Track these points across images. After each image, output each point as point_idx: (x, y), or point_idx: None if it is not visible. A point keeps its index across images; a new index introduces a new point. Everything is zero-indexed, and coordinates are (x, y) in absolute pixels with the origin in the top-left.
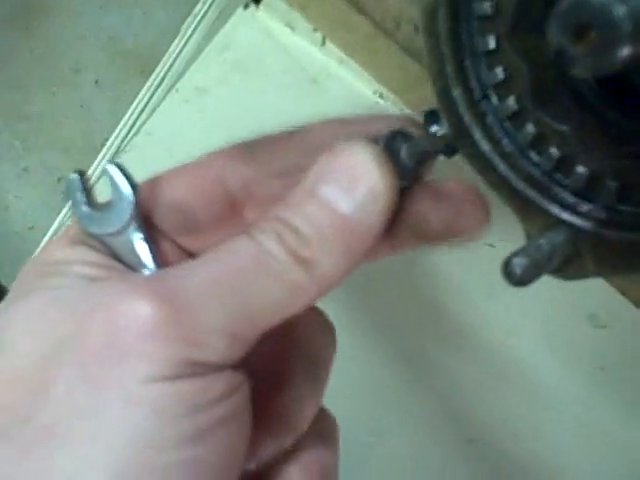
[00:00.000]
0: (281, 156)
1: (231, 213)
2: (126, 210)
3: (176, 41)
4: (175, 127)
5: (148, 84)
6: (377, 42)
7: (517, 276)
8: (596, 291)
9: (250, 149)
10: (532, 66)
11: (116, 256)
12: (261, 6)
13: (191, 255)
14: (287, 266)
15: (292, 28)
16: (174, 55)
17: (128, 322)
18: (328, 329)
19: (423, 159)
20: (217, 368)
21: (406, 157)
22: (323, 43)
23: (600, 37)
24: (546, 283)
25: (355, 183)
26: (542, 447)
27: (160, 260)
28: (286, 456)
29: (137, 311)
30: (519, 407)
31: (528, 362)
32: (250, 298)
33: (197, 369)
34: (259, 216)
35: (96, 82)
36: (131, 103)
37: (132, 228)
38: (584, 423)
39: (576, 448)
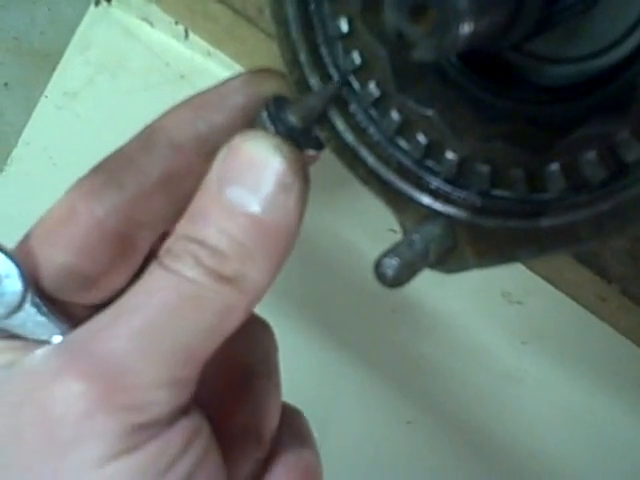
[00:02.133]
0: (147, 168)
1: (124, 250)
2: (16, 288)
3: None
4: (53, 134)
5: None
6: (242, 31)
7: (390, 278)
8: (505, 268)
9: (110, 173)
10: (389, 47)
11: (15, 336)
12: (113, 2)
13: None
14: (214, 290)
15: (150, 23)
16: None
17: (62, 409)
18: (266, 327)
19: (315, 117)
20: (169, 421)
21: (296, 121)
22: (186, 36)
23: (438, 15)
24: None
25: (261, 179)
26: (477, 424)
27: (67, 326)
28: (268, 466)
29: (68, 394)
30: (451, 385)
31: (454, 342)
32: (182, 337)
33: (149, 432)
34: (156, 241)
35: (5, 85)
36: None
37: (27, 305)
38: (515, 397)
39: (510, 423)
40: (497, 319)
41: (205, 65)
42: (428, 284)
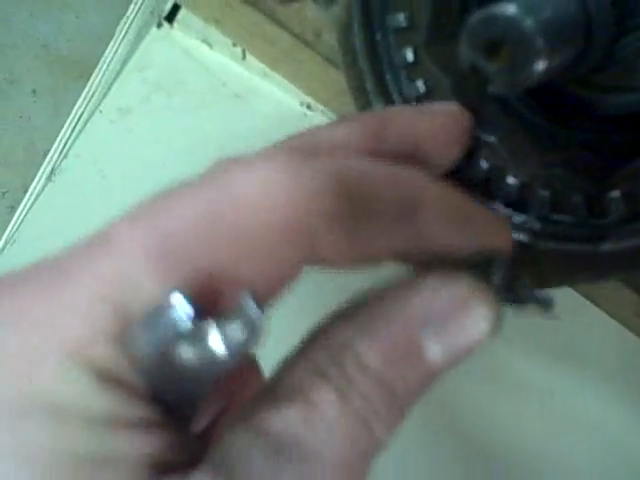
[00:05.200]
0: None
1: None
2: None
3: (110, 45)
4: (104, 148)
5: (86, 90)
6: (300, 53)
7: None
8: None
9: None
10: (453, 77)
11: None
12: (175, 24)
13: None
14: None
15: (210, 44)
16: (109, 59)
17: None
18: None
19: None
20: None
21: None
22: (244, 57)
23: (513, 53)
24: None
25: (461, 333)
26: (508, 436)
27: None
28: None
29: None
30: (482, 397)
31: (488, 354)
32: None
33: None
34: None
35: (33, 91)
36: (71, 110)
37: None
38: (547, 411)
39: (541, 436)
40: (534, 333)
41: (261, 85)
42: None
